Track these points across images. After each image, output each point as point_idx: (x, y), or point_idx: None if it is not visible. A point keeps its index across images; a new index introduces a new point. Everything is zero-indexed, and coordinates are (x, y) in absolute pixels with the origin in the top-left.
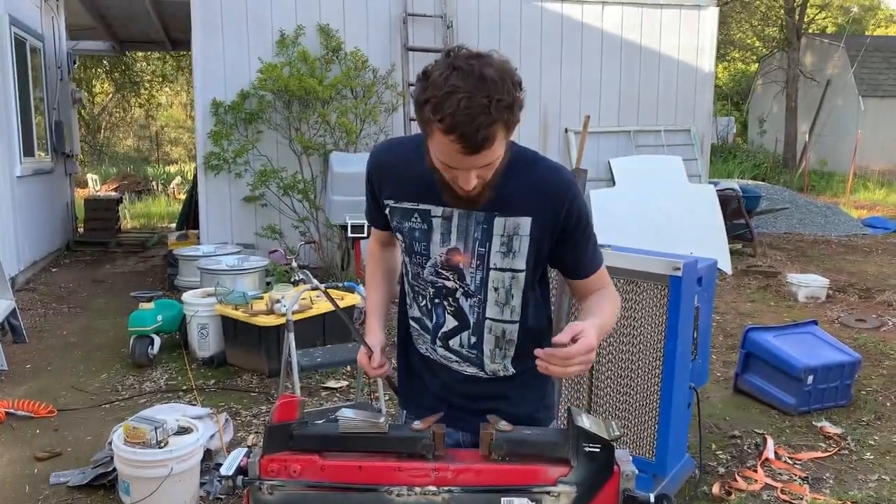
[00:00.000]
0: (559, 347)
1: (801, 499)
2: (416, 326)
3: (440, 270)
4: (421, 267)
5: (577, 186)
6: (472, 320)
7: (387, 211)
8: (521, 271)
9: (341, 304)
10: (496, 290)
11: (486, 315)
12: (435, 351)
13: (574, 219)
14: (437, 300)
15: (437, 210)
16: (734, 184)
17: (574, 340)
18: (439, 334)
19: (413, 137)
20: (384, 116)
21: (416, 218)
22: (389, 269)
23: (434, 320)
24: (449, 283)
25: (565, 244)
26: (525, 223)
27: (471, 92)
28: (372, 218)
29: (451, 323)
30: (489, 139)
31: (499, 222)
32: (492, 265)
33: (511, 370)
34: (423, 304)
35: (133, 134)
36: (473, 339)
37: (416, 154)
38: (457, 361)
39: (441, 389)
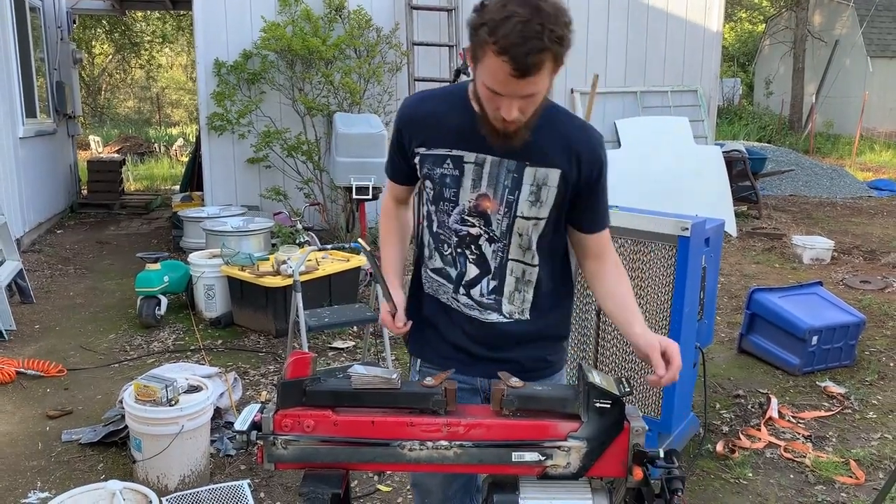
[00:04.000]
0: (660, 375)
1: (804, 457)
2: (438, 278)
3: (466, 217)
4: (447, 214)
5: (604, 145)
6: (493, 265)
7: (416, 160)
8: (542, 219)
9: (347, 266)
10: (520, 235)
11: (510, 256)
12: (458, 300)
13: (597, 174)
14: (459, 249)
15: (469, 156)
16: (740, 145)
17: (665, 357)
18: (462, 283)
19: (440, 90)
20: (388, 76)
21: (448, 164)
22: (403, 227)
23: (457, 269)
24: (474, 231)
25: (586, 197)
26: (554, 175)
27: (527, 18)
28: (393, 171)
29: (472, 271)
30: (537, 65)
31: (529, 172)
32: (519, 213)
33: (528, 316)
34: (447, 252)
35: (133, 95)
36: (494, 284)
37: (449, 105)
38: (478, 310)
39: (459, 338)
